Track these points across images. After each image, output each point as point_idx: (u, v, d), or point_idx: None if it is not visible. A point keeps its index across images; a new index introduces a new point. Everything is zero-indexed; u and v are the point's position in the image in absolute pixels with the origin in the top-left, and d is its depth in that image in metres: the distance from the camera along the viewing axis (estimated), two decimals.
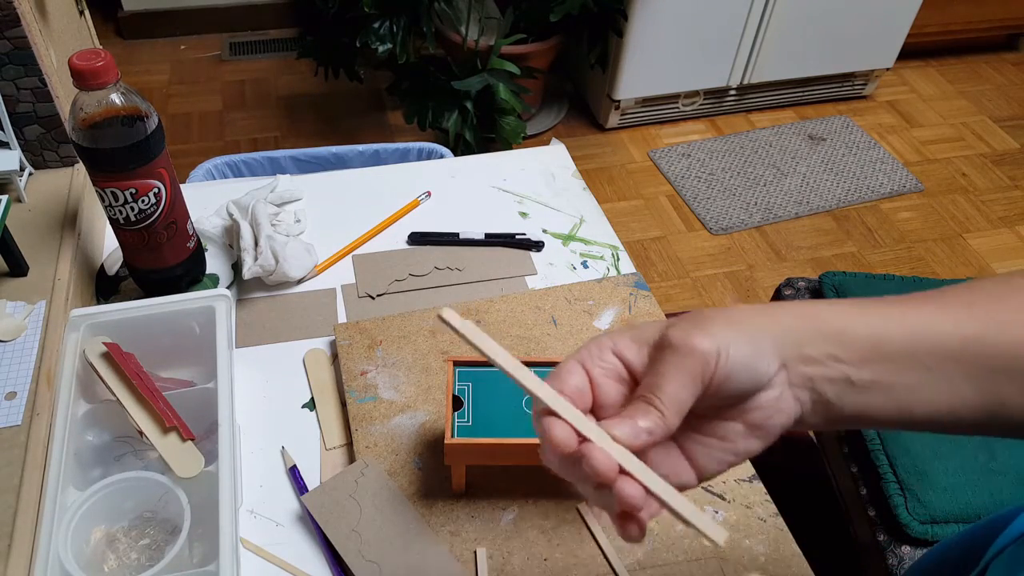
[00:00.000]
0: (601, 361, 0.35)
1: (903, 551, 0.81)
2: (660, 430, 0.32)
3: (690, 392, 0.32)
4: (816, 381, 0.34)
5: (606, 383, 0.35)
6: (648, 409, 0.32)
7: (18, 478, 0.52)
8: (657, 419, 0.32)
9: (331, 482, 0.58)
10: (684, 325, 0.33)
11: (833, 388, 0.34)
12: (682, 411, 0.33)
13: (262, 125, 2.08)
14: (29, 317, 0.62)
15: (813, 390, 0.34)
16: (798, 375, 0.34)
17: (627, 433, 0.32)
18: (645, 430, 0.32)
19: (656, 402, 0.32)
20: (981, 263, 1.79)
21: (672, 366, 0.32)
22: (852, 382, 0.33)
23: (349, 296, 0.75)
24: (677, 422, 0.32)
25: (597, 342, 0.35)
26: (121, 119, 0.60)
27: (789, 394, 0.34)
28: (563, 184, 0.90)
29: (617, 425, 0.32)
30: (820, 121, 2.17)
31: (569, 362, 0.35)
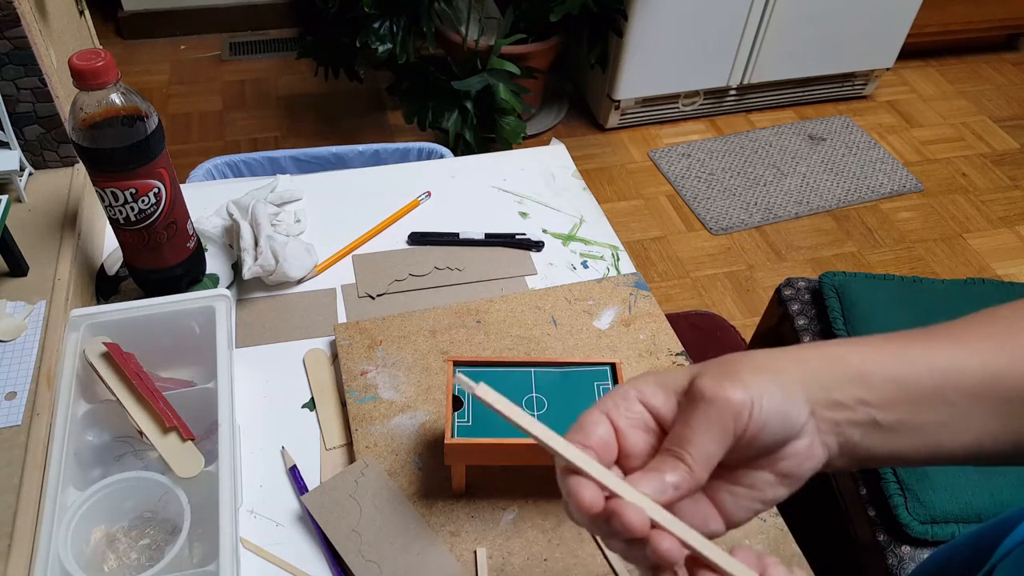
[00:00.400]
0: (627, 411, 0.34)
1: (903, 551, 0.81)
2: (688, 485, 0.31)
3: (720, 446, 0.32)
4: (843, 425, 0.33)
5: (632, 433, 0.34)
6: (676, 463, 0.32)
7: (18, 478, 0.52)
8: (685, 474, 0.31)
9: (331, 482, 0.58)
10: (714, 374, 0.33)
11: (859, 431, 0.33)
12: (711, 465, 0.32)
13: (262, 125, 2.08)
14: (29, 317, 0.62)
15: (840, 434, 0.34)
16: (826, 421, 0.33)
17: (654, 488, 0.31)
18: (672, 485, 0.31)
19: (685, 456, 0.32)
20: (981, 263, 1.79)
21: (703, 418, 0.32)
22: (879, 424, 0.33)
23: (349, 296, 0.75)
24: (705, 476, 0.32)
25: (622, 391, 0.34)
26: (121, 119, 0.60)
27: (818, 440, 0.34)
28: (563, 184, 0.90)
29: (644, 480, 0.31)
30: (820, 121, 2.17)
31: (594, 412, 0.34)
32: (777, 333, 1.09)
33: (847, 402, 0.33)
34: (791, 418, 0.32)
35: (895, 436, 0.33)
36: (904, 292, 1.02)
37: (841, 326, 0.98)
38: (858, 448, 0.34)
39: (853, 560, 0.88)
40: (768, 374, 0.33)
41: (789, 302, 1.07)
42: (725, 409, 0.31)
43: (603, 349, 0.70)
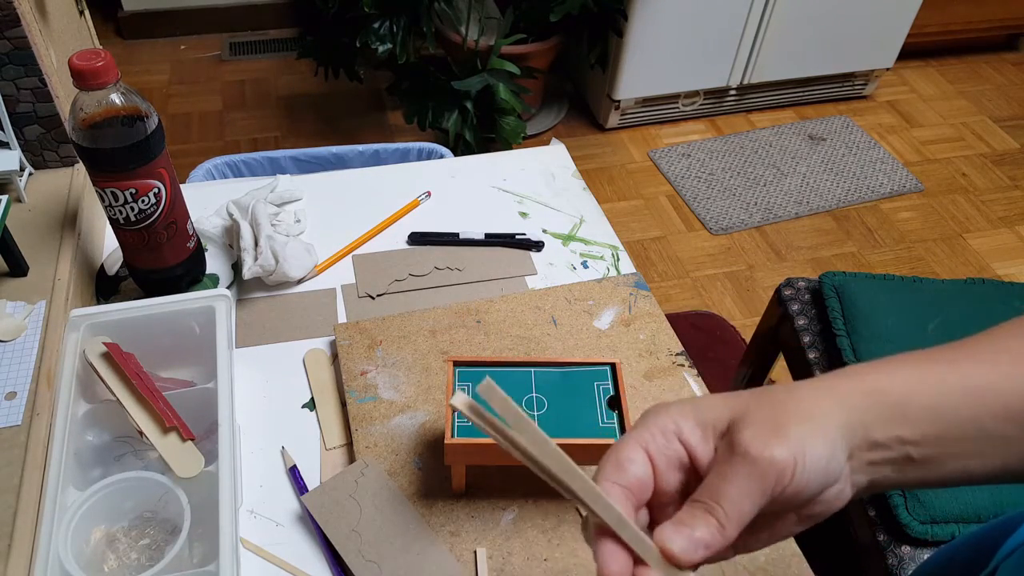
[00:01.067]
0: (666, 448, 0.32)
1: (903, 551, 0.81)
2: (718, 544, 0.30)
3: (756, 505, 0.30)
4: (878, 464, 0.32)
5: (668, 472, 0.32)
6: (707, 519, 0.30)
7: (18, 478, 0.52)
8: (716, 531, 0.30)
9: (331, 482, 0.58)
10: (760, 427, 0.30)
11: (892, 468, 0.33)
12: (743, 524, 0.30)
13: (262, 125, 2.08)
14: (29, 317, 0.62)
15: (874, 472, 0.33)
16: (861, 462, 0.32)
17: (683, 547, 0.29)
18: (703, 543, 0.29)
19: (718, 512, 0.30)
20: (981, 263, 1.79)
21: (742, 476, 0.30)
22: (912, 460, 0.32)
23: (349, 296, 0.75)
24: (735, 535, 0.30)
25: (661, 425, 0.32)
26: (121, 119, 0.60)
27: (849, 482, 0.32)
28: (563, 184, 0.90)
29: (673, 538, 0.29)
30: (820, 121, 2.17)
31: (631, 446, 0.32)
32: (777, 333, 1.09)
33: (886, 442, 0.32)
34: (832, 472, 0.31)
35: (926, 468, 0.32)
36: (904, 292, 1.02)
37: (841, 326, 0.98)
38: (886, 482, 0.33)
39: (853, 560, 0.88)
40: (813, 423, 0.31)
41: (789, 302, 1.07)
42: (768, 471, 0.29)
43: (603, 349, 0.70)
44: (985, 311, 1.00)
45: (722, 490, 0.30)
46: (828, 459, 0.30)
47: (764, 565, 0.56)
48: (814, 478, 0.30)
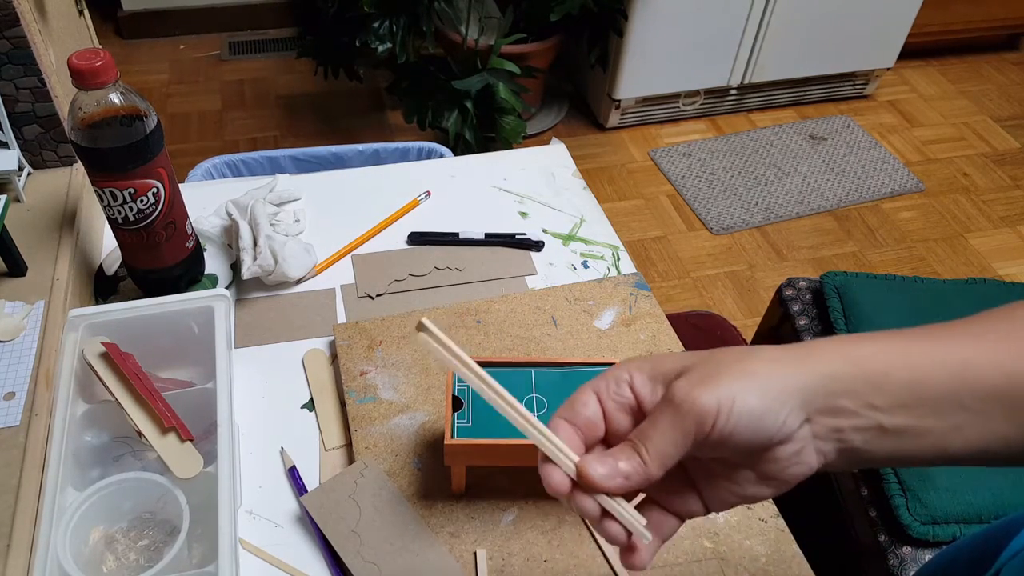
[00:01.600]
0: (616, 395, 0.35)
1: (904, 552, 0.81)
2: (639, 477, 0.33)
3: (678, 448, 0.32)
4: (845, 431, 0.33)
5: (618, 416, 0.35)
6: (631, 455, 0.33)
7: (17, 478, 0.52)
8: (638, 466, 0.33)
9: (330, 483, 0.58)
10: (694, 376, 0.33)
11: (862, 436, 0.33)
12: (666, 463, 0.33)
13: (261, 125, 2.08)
14: (28, 317, 0.62)
15: (840, 440, 0.33)
16: (825, 427, 0.33)
17: (602, 474, 0.33)
18: (623, 474, 0.33)
19: (641, 450, 0.33)
20: (982, 263, 1.79)
21: (666, 420, 0.33)
22: (884, 429, 0.32)
23: (348, 296, 0.75)
24: (659, 473, 0.33)
25: (616, 375, 0.35)
26: (120, 119, 0.60)
27: (812, 447, 0.33)
28: (563, 184, 0.89)
29: (598, 462, 0.33)
30: (821, 121, 2.17)
31: (586, 392, 0.36)
32: (778, 333, 1.08)
33: (854, 408, 0.32)
34: (765, 427, 0.32)
35: (900, 440, 0.33)
36: (905, 292, 1.01)
37: (842, 326, 0.98)
38: (858, 452, 0.33)
39: (854, 561, 0.88)
40: (754, 378, 0.32)
41: (790, 302, 1.07)
42: (689, 415, 0.32)
43: (603, 349, 0.69)
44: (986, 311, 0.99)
45: (649, 431, 0.33)
46: (762, 413, 0.31)
47: (765, 566, 0.56)
48: (742, 430, 0.32)
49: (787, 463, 0.33)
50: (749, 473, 0.34)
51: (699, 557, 0.56)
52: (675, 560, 0.56)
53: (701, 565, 0.55)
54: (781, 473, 0.33)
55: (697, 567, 0.55)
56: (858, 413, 0.32)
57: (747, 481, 0.34)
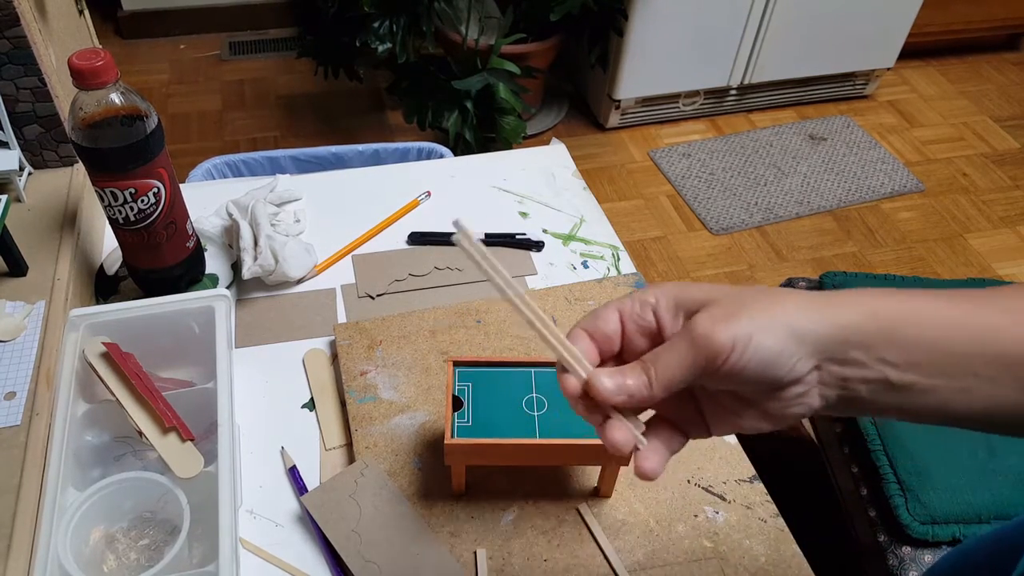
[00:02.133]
0: (639, 317, 0.36)
1: (904, 552, 0.81)
2: (643, 396, 0.34)
3: (686, 376, 0.34)
4: (851, 381, 0.33)
5: (636, 337, 0.37)
6: (640, 375, 0.35)
7: (17, 478, 0.52)
8: (643, 387, 0.34)
9: (331, 482, 0.58)
10: (716, 312, 0.33)
11: (868, 387, 0.33)
12: (670, 388, 0.34)
13: (261, 125, 2.08)
14: (28, 317, 0.62)
15: (844, 388, 0.34)
16: (833, 375, 0.33)
17: (609, 387, 0.35)
18: (627, 391, 0.35)
19: (650, 372, 0.34)
20: (982, 263, 1.79)
21: (680, 348, 0.34)
22: (891, 383, 0.33)
23: (349, 296, 0.75)
24: (663, 396, 0.34)
25: (641, 299, 0.37)
26: (120, 119, 0.60)
27: (816, 391, 0.34)
28: (563, 184, 0.90)
29: (607, 375, 0.35)
30: (821, 121, 2.17)
31: (610, 310, 0.37)
32: None
33: (866, 360, 0.33)
34: (776, 368, 0.32)
35: (903, 395, 0.33)
36: None
37: None
38: (860, 401, 0.34)
39: (854, 561, 0.88)
40: (773, 320, 0.33)
41: None
42: (703, 348, 0.33)
43: None
44: None
45: (661, 356, 0.34)
46: (776, 355, 0.32)
47: (764, 566, 0.56)
48: (753, 368, 0.32)
49: (789, 403, 0.34)
50: (751, 407, 0.35)
51: (699, 557, 0.56)
52: (675, 560, 0.56)
53: (701, 565, 0.55)
54: (781, 411, 0.34)
55: (697, 567, 0.55)
56: (868, 366, 0.33)
57: (748, 414, 0.35)
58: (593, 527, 0.57)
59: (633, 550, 0.56)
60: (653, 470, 0.35)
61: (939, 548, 0.81)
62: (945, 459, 0.84)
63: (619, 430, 0.35)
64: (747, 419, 0.35)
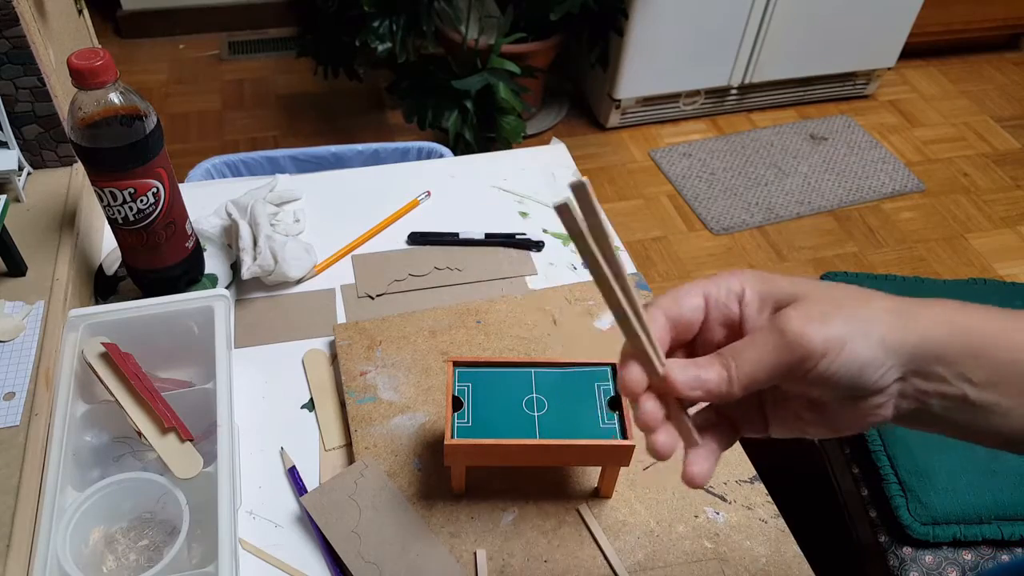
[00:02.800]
0: (724, 306, 0.34)
1: (904, 552, 0.81)
2: (720, 392, 0.32)
3: (770, 377, 0.32)
4: (929, 395, 0.32)
5: (715, 327, 0.34)
6: (720, 369, 0.32)
7: (16, 479, 0.52)
8: (722, 381, 0.32)
9: (330, 483, 0.58)
10: (811, 310, 0.31)
11: (943, 403, 0.32)
12: (751, 388, 0.32)
13: (261, 124, 2.08)
14: (27, 317, 0.62)
15: (921, 402, 0.32)
16: (914, 388, 0.32)
17: (684, 381, 0.32)
18: (703, 386, 0.32)
19: (732, 367, 0.32)
20: (983, 263, 1.79)
21: (768, 346, 0.31)
22: (968, 400, 0.32)
23: (348, 296, 0.75)
24: (741, 394, 0.32)
25: (727, 284, 0.34)
26: (120, 119, 0.60)
27: (892, 402, 0.32)
28: (564, 184, 0.89)
29: (682, 369, 0.32)
30: (821, 121, 2.17)
31: (694, 290, 0.34)
32: None
33: (947, 376, 0.32)
34: (863, 379, 0.31)
35: (978, 413, 0.32)
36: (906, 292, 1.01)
37: None
38: (932, 417, 0.33)
39: (854, 561, 0.88)
40: (867, 325, 0.31)
41: None
42: (796, 349, 0.31)
43: (603, 349, 0.69)
44: None
45: (745, 351, 0.32)
46: (865, 365, 0.31)
47: (765, 566, 0.56)
48: (843, 375, 0.31)
49: (866, 412, 0.32)
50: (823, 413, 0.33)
51: (699, 558, 0.56)
52: (676, 561, 0.56)
53: (702, 565, 0.55)
54: (855, 420, 0.33)
55: (698, 567, 0.55)
56: (949, 381, 0.32)
57: (818, 420, 0.34)
58: (593, 528, 0.57)
59: (633, 551, 0.56)
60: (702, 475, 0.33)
61: (940, 548, 0.81)
62: (946, 460, 0.83)
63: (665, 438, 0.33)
64: (814, 424, 0.34)
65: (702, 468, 0.33)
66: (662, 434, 0.33)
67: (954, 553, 0.80)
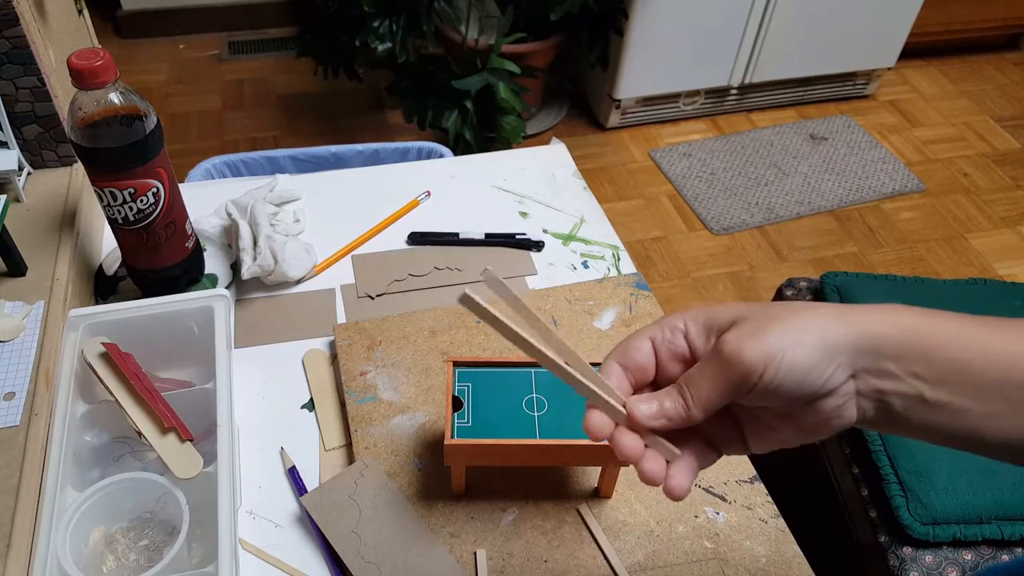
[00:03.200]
0: (671, 343, 0.36)
1: (904, 552, 0.81)
2: (680, 419, 0.35)
3: (722, 396, 0.34)
4: (887, 394, 0.33)
5: (670, 364, 0.37)
6: (677, 398, 0.35)
7: (16, 479, 0.52)
8: (681, 409, 0.34)
9: (330, 483, 0.58)
10: (745, 329, 0.33)
11: (903, 402, 0.33)
12: (708, 408, 0.34)
13: (261, 124, 2.08)
14: (28, 317, 0.62)
15: (881, 401, 0.34)
16: (868, 387, 0.33)
17: (647, 414, 0.35)
18: (665, 415, 0.35)
19: (687, 395, 0.34)
20: (983, 263, 1.79)
21: (712, 368, 0.34)
22: (925, 399, 0.33)
23: (348, 296, 0.75)
24: (701, 417, 0.34)
25: (672, 323, 0.37)
26: (120, 119, 0.60)
27: (852, 403, 0.34)
28: (563, 184, 0.89)
29: (644, 403, 0.35)
30: (821, 121, 2.17)
31: (642, 339, 0.37)
32: None
33: (899, 373, 0.33)
34: (811, 382, 0.32)
35: (939, 413, 0.33)
36: (906, 292, 1.01)
37: None
38: (896, 417, 0.34)
39: (854, 561, 0.88)
40: (804, 334, 0.33)
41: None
42: (735, 367, 0.33)
43: (604, 349, 0.69)
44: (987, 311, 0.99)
45: (696, 378, 0.35)
46: (810, 368, 0.32)
47: (765, 566, 0.56)
48: (789, 383, 0.32)
49: (828, 415, 0.34)
50: (789, 421, 0.35)
51: (699, 557, 0.56)
52: (676, 561, 0.56)
53: (701, 565, 0.55)
54: (821, 424, 0.34)
55: (697, 567, 0.55)
56: (902, 379, 0.33)
57: (787, 429, 0.35)
58: (593, 528, 0.57)
59: (633, 551, 0.56)
60: (682, 487, 0.35)
61: (940, 548, 0.81)
62: (946, 460, 0.83)
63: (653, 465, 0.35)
64: (787, 434, 0.35)
65: (681, 481, 0.35)
66: (649, 462, 0.35)
67: (954, 553, 0.80)
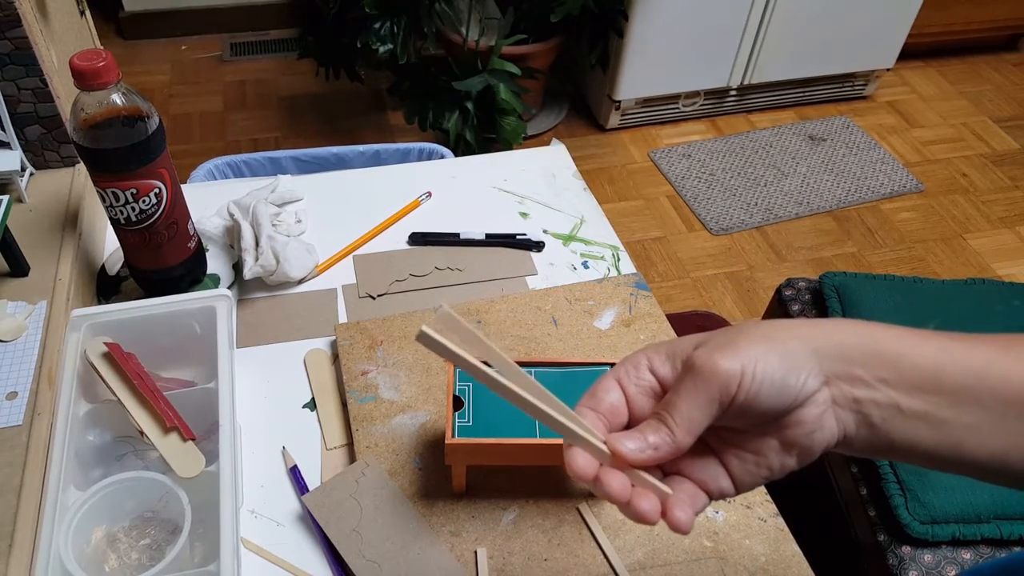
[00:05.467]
0: (637, 379, 0.36)
1: (903, 551, 0.81)
2: (667, 447, 0.33)
3: (704, 413, 0.33)
4: (863, 403, 0.33)
5: (640, 399, 0.36)
6: (659, 427, 0.34)
7: (19, 478, 0.52)
8: (666, 436, 0.33)
9: (332, 482, 0.58)
10: (712, 344, 0.33)
11: (880, 412, 0.33)
12: (693, 430, 0.33)
13: (263, 125, 2.08)
14: (30, 317, 0.63)
15: (859, 412, 0.33)
16: (843, 395, 0.33)
17: (632, 448, 0.33)
18: (651, 446, 0.33)
19: (668, 420, 0.33)
20: (982, 264, 1.79)
21: (690, 386, 0.33)
22: (901, 409, 0.32)
23: (350, 296, 0.75)
24: (688, 441, 0.33)
25: (634, 360, 0.36)
26: (122, 119, 0.60)
27: (831, 414, 0.33)
28: (563, 184, 0.90)
29: (627, 438, 0.33)
30: (820, 122, 2.17)
31: (607, 380, 0.36)
32: None
33: (869, 380, 0.32)
34: (789, 387, 0.32)
35: (918, 426, 0.32)
36: (905, 292, 1.02)
37: None
38: (878, 431, 0.33)
39: (853, 560, 0.88)
40: (772, 341, 0.33)
41: (790, 302, 1.07)
42: (712, 379, 0.32)
43: (604, 349, 0.70)
44: (985, 311, 1.00)
45: (672, 401, 0.33)
46: (785, 373, 0.32)
47: (764, 565, 0.56)
48: (767, 390, 0.32)
49: (810, 427, 0.33)
50: (773, 442, 0.34)
51: (699, 556, 0.56)
52: (675, 559, 0.56)
53: (701, 564, 0.56)
54: (804, 439, 0.34)
55: (697, 566, 0.55)
56: (873, 386, 0.33)
57: (772, 451, 0.35)
58: (593, 527, 0.57)
59: (633, 549, 0.56)
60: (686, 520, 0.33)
61: (939, 548, 0.81)
62: None
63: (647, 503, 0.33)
64: (772, 457, 0.35)
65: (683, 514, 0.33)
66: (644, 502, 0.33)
67: (953, 552, 0.81)
